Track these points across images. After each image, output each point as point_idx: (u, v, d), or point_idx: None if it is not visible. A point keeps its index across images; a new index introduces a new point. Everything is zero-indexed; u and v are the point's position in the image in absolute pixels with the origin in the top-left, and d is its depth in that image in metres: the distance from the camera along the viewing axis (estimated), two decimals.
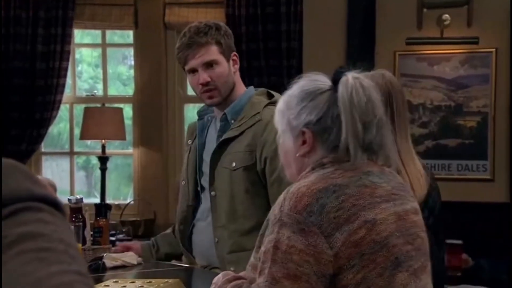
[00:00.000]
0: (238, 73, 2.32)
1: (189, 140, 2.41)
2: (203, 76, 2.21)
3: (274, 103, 2.27)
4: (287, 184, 2.14)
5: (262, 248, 1.40)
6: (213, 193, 2.24)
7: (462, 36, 4.18)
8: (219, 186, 2.23)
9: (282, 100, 1.57)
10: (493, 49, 4.18)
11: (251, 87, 2.37)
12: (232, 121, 2.25)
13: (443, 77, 4.27)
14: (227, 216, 2.21)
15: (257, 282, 1.38)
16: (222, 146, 2.24)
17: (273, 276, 1.34)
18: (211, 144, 2.30)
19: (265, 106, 2.25)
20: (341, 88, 1.44)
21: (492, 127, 4.19)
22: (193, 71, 2.24)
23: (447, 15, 4.17)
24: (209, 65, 2.22)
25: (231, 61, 2.27)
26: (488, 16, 4.19)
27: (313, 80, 1.53)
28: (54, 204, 0.68)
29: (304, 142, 1.50)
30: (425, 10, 4.23)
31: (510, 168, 4.16)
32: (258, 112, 2.23)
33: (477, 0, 4.18)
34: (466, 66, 4.23)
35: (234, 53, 2.29)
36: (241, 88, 2.32)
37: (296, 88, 1.54)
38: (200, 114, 2.38)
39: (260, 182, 2.20)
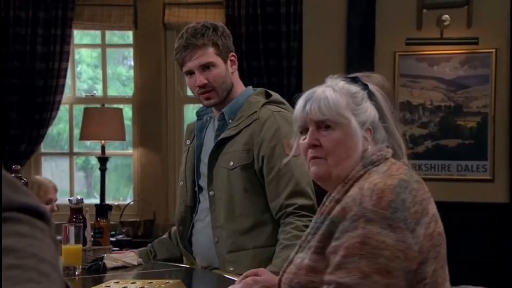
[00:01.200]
0: (236, 73, 2.32)
1: (188, 140, 2.41)
2: (200, 78, 2.21)
3: (271, 103, 2.27)
4: (285, 182, 2.15)
5: (339, 244, 1.37)
6: (211, 193, 2.24)
7: (462, 36, 4.18)
8: (217, 185, 2.23)
9: (343, 94, 1.51)
10: (493, 50, 4.18)
11: (250, 87, 2.36)
12: (230, 121, 2.25)
13: (443, 78, 4.27)
14: (226, 215, 2.20)
15: (337, 276, 1.35)
16: (220, 145, 2.24)
17: (362, 271, 1.34)
18: (209, 144, 2.30)
19: (262, 106, 2.25)
20: (376, 92, 1.56)
21: (492, 128, 4.19)
22: (190, 73, 2.23)
23: (446, 16, 4.17)
24: (206, 67, 2.21)
25: (229, 62, 2.26)
26: (488, 16, 4.19)
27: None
28: (36, 213, 0.65)
29: (366, 139, 1.51)
30: (424, 10, 4.23)
31: (510, 169, 4.16)
32: (255, 111, 2.22)
33: (477, 1, 4.18)
34: (466, 67, 4.23)
35: (232, 53, 2.28)
36: (239, 88, 2.32)
37: (351, 86, 1.54)
38: (199, 114, 2.38)
39: (258, 181, 2.19)
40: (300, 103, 1.55)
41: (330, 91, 1.51)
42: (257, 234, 2.18)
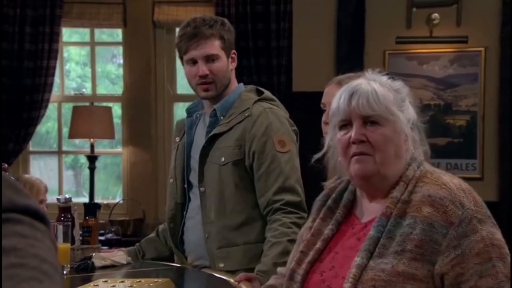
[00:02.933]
0: (234, 71, 2.33)
1: (177, 138, 2.40)
2: (203, 68, 2.21)
3: (263, 100, 2.27)
4: (273, 178, 2.14)
5: (464, 252, 1.29)
6: (202, 189, 2.24)
7: (451, 35, 4.19)
8: (208, 181, 2.23)
9: (388, 89, 1.45)
10: (482, 48, 4.20)
11: (241, 84, 2.37)
12: (221, 118, 2.25)
13: (432, 76, 4.28)
14: (217, 211, 2.20)
15: (487, 286, 1.29)
16: (211, 141, 2.24)
17: (505, 274, 1.31)
18: (199, 141, 2.29)
19: (254, 102, 2.25)
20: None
21: (481, 126, 4.20)
22: (193, 61, 2.23)
23: (436, 14, 4.18)
24: (210, 58, 2.21)
25: (230, 59, 2.28)
26: (477, 15, 4.21)
27: None
28: (36, 215, 0.66)
29: (406, 138, 1.46)
30: (414, 9, 4.24)
31: (499, 167, 4.17)
32: (248, 108, 2.23)
33: None
34: (455, 65, 4.25)
35: (234, 51, 2.30)
36: (234, 86, 2.33)
37: (393, 82, 1.49)
38: (189, 111, 2.37)
39: (249, 177, 2.20)
40: (343, 96, 1.45)
41: (377, 85, 1.44)
42: (248, 230, 2.18)
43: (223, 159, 2.20)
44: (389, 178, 1.43)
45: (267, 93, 2.32)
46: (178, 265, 2.33)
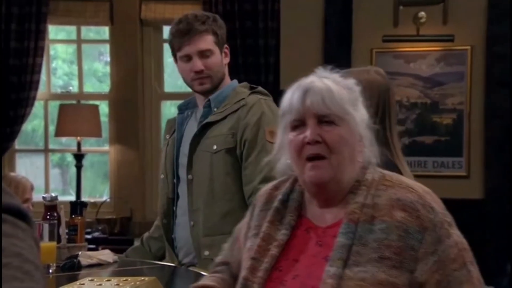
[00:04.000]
0: (227, 66, 2.35)
1: (167, 135, 2.42)
2: (198, 64, 2.23)
3: (258, 92, 2.30)
4: (260, 168, 2.12)
5: (441, 259, 1.26)
6: (190, 176, 2.25)
7: (438, 33, 4.21)
8: (197, 170, 2.24)
9: (343, 87, 1.38)
10: (469, 47, 4.22)
11: (235, 80, 2.41)
12: (215, 109, 2.27)
13: (419, 75, 4.30)
14: (205, 199, 2.21)
15: None
16: (203, 130, 2.26)
17: (479, 278, 1.30)
18: (190, 135, 2.30)
19: (249, 94, 2.29)
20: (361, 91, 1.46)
21: (467, 125, 4.23)
22: (187, 57, 2.24)
23: (423, 13, 4.20)
24: (204, 54, 2.24)
25: (223, 53, 2.30)
26: (464, 14, 4.23)
27: None
28: (18, 214, 0.65)
29: (361, 139, 1.40)
30: (401, 7, 4.25)
31: (485, 165, 4.20)
32: (243, 98, 2.26)
33: None
34: (442, 64, 4.27)
35: (226, 46, 2.33)
36: (228, 81, 2.36)
37: (347, 80, 1.41)
38: (181, 108, 2.39)
39: (240, 166, 2.22)
40: (296, 94, 1.37)
41: (331, 83, 1.36)
42: (236, 219, 2.18)
43: (215, 147, 2.21)
44: (343, 183, 1.36)
45: (260, 88, 2.36)
46: (165, 263, 2.33)
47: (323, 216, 1.39)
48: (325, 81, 1.37)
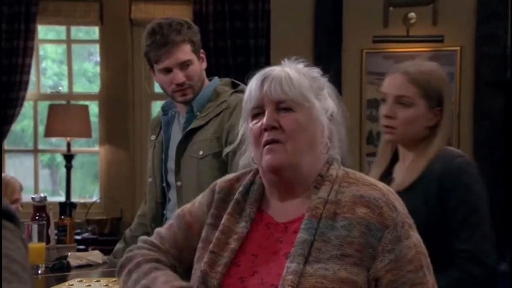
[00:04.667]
0: (204, 70, 2.32)
1: (153, 136, 2.39)
2: (179, 76, 2.19)
3: (240, 92, 2.26)
4: (236, 166, 2.14)
5: (398, 258, 1.24)
6: (179, 183, 2.23)
7: (428, 34, 4.23)
8: (185, 176, 2.23)
9: (305, 76, 1.34)
10: (458, 48, 4.24)
11: (216, 78, 2.37)
12: (198, 113, 2.25)
13: None
14: None
15: None
16: (188, 136, 2.23)
17: (432, 283, 1.29)
18: (176, 139, 2.28)
19: (231, 94, 2.26)
20: (329, 85, 1.42)
21: (456, 125, 4.24)
22: (167, 70, 2.21)
23: (413, 14, 4.21)
24: (185, 64, 2.20)
25: (200, 59, 2.27)
26: (453, 14, 4.25)
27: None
28: (6, 215, 0.65)
29: (329, 129, 1.36)
30: (391, 8, 4.27)
31: None
32: (225, 100, 2.23)
33: None
34: None
35: (202, 50, 2.29)
36: (206, 83, 2.32)
37: (311, 70, 1.38)
38: (164, 109, 2.36)
39: (227, 169, 2.19)
40: (255, 82, 1.35)
41: (292, 71, 1.34)
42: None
43: (201, 152, 2.20)
44: (302, 171, 1.32)
45: (242, 86, 2.31)
46: None
47: (284, 210, 1.35)
48: (286, 69, 1.35)
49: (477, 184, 1.81)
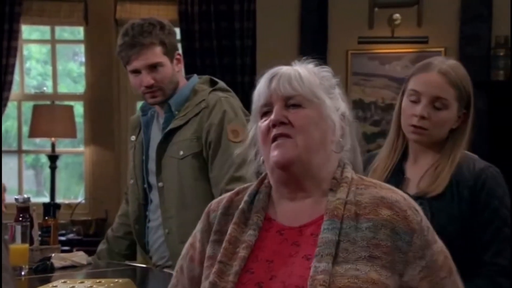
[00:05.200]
0: (181, 71, 2.29)
1: (132, 136, 2.37)
2: (147, 79, 2.16)
3: (218, 90, 2.25)
4: (226, 168, 2.09)
5: (429, 264, 1.22)
6: (160, 184, 2.22)
7: (412, 35, 4.25)
8: (166, 176, 2.21)
9: (314, 74, 1.32)
10: (442, 49, 4.27)
11: (195, 76, 2.34)
12: (176, 112, 2.23)
13: (394, 76, 4.33)
14: (177, 205, 2.18)
15: None
16: (168, 136, 2.21)
17: (461, 287, 1.28)
18: (156, 139, 2.27)
19: (209, 93, 2.23)
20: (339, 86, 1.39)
21: None
22: (136, 71, 2.19)
23: (397, 15, 4.23)
24: (153, 67, 2.17)
25: (174, 61, 2.23)
26: (437, 16, 4.28)
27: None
28: None
29: (341, 128, 1.32)
30: (376, 9, 4.29)
31: None
32: (203, 100, 2.21)
33: (427, 0, 4.26)
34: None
35: (178, 52, 2.25)
36: (183, 82, 2.29)
37: (321, 70, 1.35)
38: (144, 109, 2.34)
39: (208, 169, 2.18)
40: (263, 81, 1.31)
41: (302, 69, 1.31)
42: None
43: (181, 152, 2.18)
44: (312, 168, 1.26)
45: (221, 83, 2.30)
46: (139, 265, 2.31)
47: (295, 214, 1.30)
48: (296, 67, 1.32)
49: (507, 196, 1.76)
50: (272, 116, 1.26)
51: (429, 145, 1.78)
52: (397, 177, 1.76)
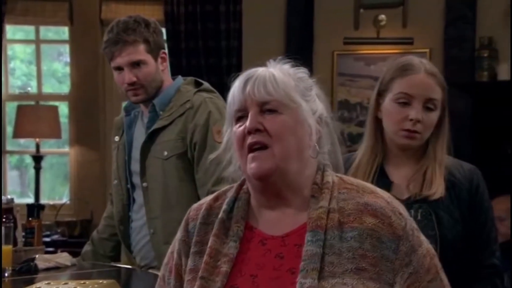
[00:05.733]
0: (166, 70, 2.28)
1: (116, 137, 2.36)
2: (129, 76, 2.16)
3: (203, 91, 2.25)
4: (212, 169, 2.06)
5: (416, 270, 1.20)
6: (144, 184, 2.21)
7: (398, 36, 4.28)
8: (151, 177, 2.21)
9: (290, 76, 1.28)
10: (427, 50, 4.29)
11: (179, 77, 2.33)
12: (161, 112, 2.22)
13: (379, 77, 4.34)
14: (162, 206, 2.18)
15: None
16: (152, 136, 2.21)
17: (448, 285, 1.26)
18: (139, 139, 2.26)
19: (194, 93, 2.23)
20: (316, 86, 1.34)
21: None
22: (119, 68, 2.18)
23: (383, 16, 4.26)
24: (136, 64, 2.16)
25: (159, 59, 2.22)
26: (422, 17, 4.30)
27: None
28: None
29: (317, 132, 1.28)
30: (362, 10, 4.31)
31: None
32: (188, 100, 2.21)
33: (412, 1, 4.29)
34: None
35: (163, 51, 2.24)
36: (169, 82, 2.28)
37: (297, 71, 1.31)
38: (127, 110, 2.34)
39: (193, 169, 2.18)
40: (238, 83, 1.26)
41: (277, 71, 1.26)
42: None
43: (165, 153, 2.18)
44: (290, 176, 1.23)
45: (206, 85, 2.30)
46: (124, 266, 2.30)
47: (277, 222, 1.26)
48: (270, 69, 1.27)
49: (489, 198, 1.78)
50: (247, 123, 1.22)
51: (412, 147, 1.74)
52: (382, 182, 1.71)
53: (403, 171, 1.76)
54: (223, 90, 4.11)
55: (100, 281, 1.77)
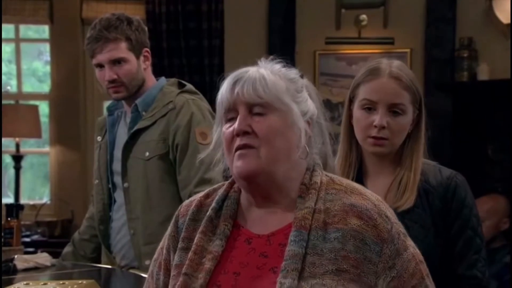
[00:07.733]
0: (149, 69, 2.28)
1: (99, 137, 2.35)
2: (109, 73, 2.16)
3: (186, 92, 2.25)
4: (195, 170, 2.08)
5: (400, 274, 1.19)
6: (126, 184, 2.20)
7: (379, 36, 4.30)
8: (132, 177, 2.20)
9: (281, 77, 1.26)
10: (408, 50, 4.33)
11: (162, 78, 2.34)
12: (143, 113, 2.22)
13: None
14: (142, 207, 2.18)
15: None
16: (134, 137, 2.20)
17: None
18: (121, 139, 2.25)
19: (177, 94, 2.23)
20: (310, 85, 1.34)
21: None
22: (100, 65, 2.18)
23: (364, 16, 4.28)
24: (117, 62, 2.16)
25: (141, 58, 2.22)
26: (403, 17, 4.33)
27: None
28: None
29: (306, 134, 1.26)
30: (343, 10, 4.33)
31: None
32: (171, 101, 2.21)
33: (393, 2, 4.32)
34: None
35: (146, 49, 2.24)
36: (152, 82, 2.29)
37: (289, 71, 1.29)
38: (110, 110, 2.33)
39: (174, 171, 2.18)
40: (227, 84, 1.25)
41: (267, 72, 1.25)
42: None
43: (147, 153, 2.17)
44: (278, 178, 1.23)
45: (189, 86, 2.30)
46: (103, 266, 2.29)
47: (264, 221, 1.26)
48: (261, 70, 1.25)
49: (474, 205, 1.70)
50: (236, 125, 1.22)
51: (386, 154, 1.68)
52: None
53: (381, 181, 1.70)
54: (206, 90, 4.13)
55: (80, 281, 1.76)
